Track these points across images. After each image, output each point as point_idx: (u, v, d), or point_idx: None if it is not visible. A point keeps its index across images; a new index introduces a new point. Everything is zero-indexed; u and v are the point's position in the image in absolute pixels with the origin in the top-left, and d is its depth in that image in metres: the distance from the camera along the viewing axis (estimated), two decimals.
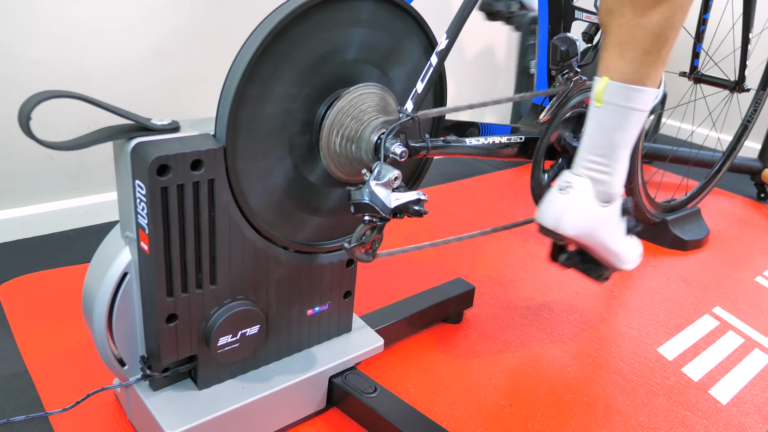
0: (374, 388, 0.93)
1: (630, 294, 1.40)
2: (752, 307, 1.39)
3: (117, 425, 0.90)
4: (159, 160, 0.68)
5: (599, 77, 0.87)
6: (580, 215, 0.91)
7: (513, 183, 1.97)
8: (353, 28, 0.78)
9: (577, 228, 0.91)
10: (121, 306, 0.78)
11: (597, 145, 0.89)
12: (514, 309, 1.29)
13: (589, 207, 0.91)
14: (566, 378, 1.10)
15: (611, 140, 0.88)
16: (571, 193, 0.90)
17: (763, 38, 2.29)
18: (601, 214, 0.92)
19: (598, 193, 0.91)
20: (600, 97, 0.86)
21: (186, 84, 1.51)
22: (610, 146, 0.89)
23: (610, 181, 0.91)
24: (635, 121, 0.87)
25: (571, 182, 0.91)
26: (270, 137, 0.76)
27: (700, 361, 1.18)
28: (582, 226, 0.91)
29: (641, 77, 0.84)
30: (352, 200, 0.75)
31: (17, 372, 0.98)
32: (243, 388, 0.86)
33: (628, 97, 0.85)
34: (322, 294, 0.93)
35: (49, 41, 1.29)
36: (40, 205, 1.41)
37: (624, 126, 0.87)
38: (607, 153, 0.89)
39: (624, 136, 0.88)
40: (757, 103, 1.84)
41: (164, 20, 1.42)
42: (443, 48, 0.80)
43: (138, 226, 0.73)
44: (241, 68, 0.71)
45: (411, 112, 0.79)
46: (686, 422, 1.02)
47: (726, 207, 1.97)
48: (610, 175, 0.90)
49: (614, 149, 0.89)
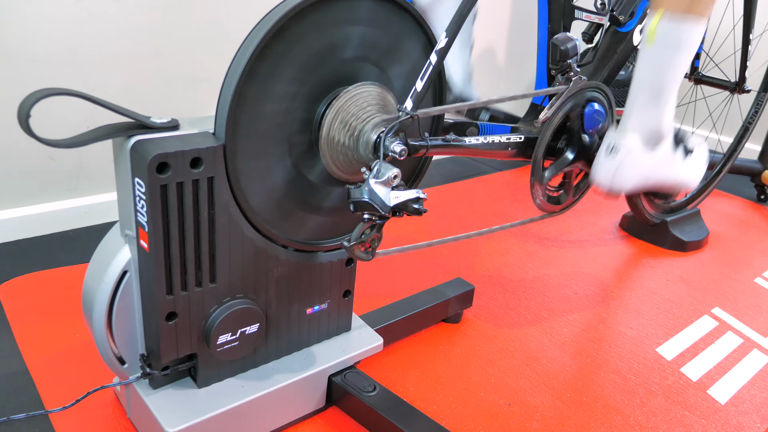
0: (373, 387, 0.94)
1: (629, 294, 1.40)
2: (751, 307, 1.39)
3: (117, 423, 0.90)
4: (158, 157, 0.68)
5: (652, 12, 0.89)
6: (631, 173, 0.94)
7: (513, 184, 1.97)
8: (352, 26, 0.79)
9: (632, 183, 0.95)
10: (121, 304, 0.78)
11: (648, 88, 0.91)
12: (514, 309, 1.29)
13: (638, 162, 0.94)
14: (565, 377, 1.10)
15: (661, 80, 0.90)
16: (619, 155, 0.93)
17: (764, 39, 2.29)
18: (653, 161, 0.95)
19: (648, 138, 0.94)
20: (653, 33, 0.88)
21: (186, 83, 1.51)
22: (660, 86, 0.91)
23: (658, 122, 0.93)
24: (686, 59, 0.90)
25: (617, 143, 0.93)
26: (269, 136, 0.77)
27: (699, 362, 1.18)
28: (636, 179, 0.95)
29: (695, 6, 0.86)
30: (352, 198, 0.75)
31: (18, 371, 0.99)
32: (242, 386, 0.86)
33: (682, 32, 0.87)
34: (321, 293, 0.93)
35: (48, 41, 1.29)
36: (40, 205, 1.41)
37: (675, 63, 0.90)
38: (657, 94, 0.91)
39: (674, 74, 0.90)
40: (758, 105, 1.84)
41: (164, 19, 1.42)
42: (443, 46, 0.80)
43: (137, 224, 0.73)
44: (240, 66, 0.71)
45: (410, 110, 0.79)
46: (685, 422, 1.02)
47: (726, 208, 1.97)
48: (659, 118, 0.93)
49: (664, 89, 0.91)
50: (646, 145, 0.94)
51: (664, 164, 0.97)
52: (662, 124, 0.94)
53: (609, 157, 0.94)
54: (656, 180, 0.97)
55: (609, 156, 0.94)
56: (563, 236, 1.64)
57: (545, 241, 1.61)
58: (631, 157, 0.93)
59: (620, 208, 1.85)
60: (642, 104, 0.92)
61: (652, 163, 0.95)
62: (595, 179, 0.97)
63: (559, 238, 1.63)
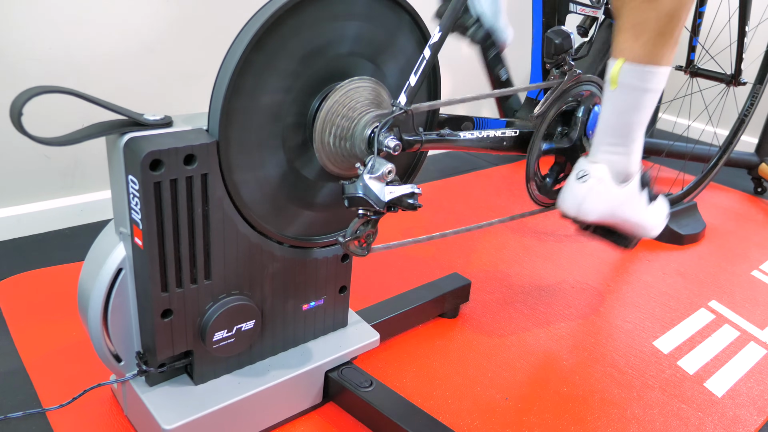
0: (370, 383, 0.94)
1: (626, 288, 1.40)
2: (748, 300, 1.40)
3: (114, 421, 0.90)
4: (152, 154, 0.68)
5: (614, 59, 0.90)
6: (599, 200, 0.95)
7: (509, 178, 1.97)
8: (346, 21, 0.78)
9: (598, 212, 0.96)
10: (116, 302, 0.78)
11: (613, 128, 0.93)
12: (510, 303, 1.29)
13: (607, 191, 0.95)
14: (562, 371, 1.10)
15: (627, 121, 0.92)
16: (589, 181, 0.94)
17: (759, 31, 2.29)
18: (621, 195, 0.96)
19: (616, 174, 0.95)
20: (615, 78, 0.90)
21: (179, 80, 1.50)
22: (625, 127, 0.92)
23: (626, 161, 0.94)
24: (650, 101, 0.91)
25: (587, 170, 0.95)
26: (263, 132, 0.76)
27: (696, 355, 1.19)
28: (603, 209, 0.95)
29: (655, 57, 0.87)
30: (346, 194, 0.75)
31: (14, 369, 0.98)
32: (239, 383, 0.86)
33: (643, 78, 0.88)
34: (317, 289, 0.93)
35: (41, 38, 1.29)
36: (35, 203, 1.41)
37: (639, 106, 0.91)
38: (623, 134, 0.93)
39: (639, 116, 0.92)
40: (753, 97, 1.84)
41: (157, 16, 1.42)
42: (436, 41, 0.80)
43: (132, 221, 0.73)
44: (233, 62, 0.71)
45: (404, 105, 0.79)
46: (681, 415, 1.03)
47: (722, 201, 1.97)
48: (626, 155, 0.94)
49: (630, 130, 0.93)
50: (615, 178, 0.96)
51: (630, 202, 0.99)
52: (630, 163, 0.96)
53: (578, 182, 0.95)
54: (620, 216, 0.99)
55: (578, 182, 0.95)
56: (560, 230, 1.65)
57: (542, 235, 1.61)
58: (600, 186, 0.95)
59: None
60: (609, 142, 0.94)
61: (619, 197, 0.97)
62: (563, 204, 0.99)
63: (555, 233, 1.63)
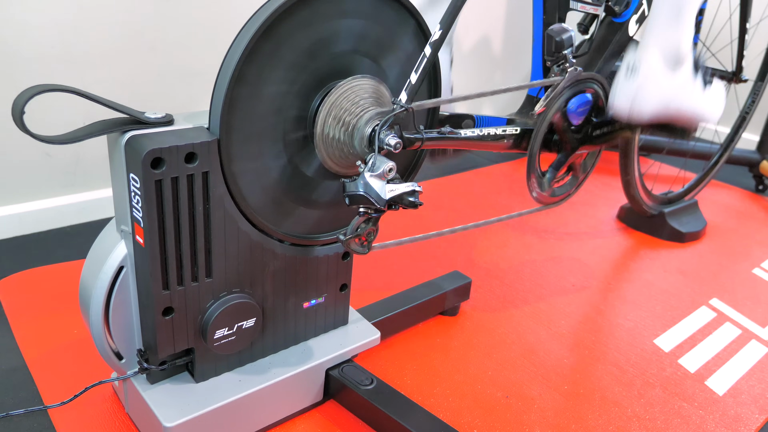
0: (371, 380, 0.94)
1: (627, 286, 1.40)
2: (749, 298, 1.40)
3: (115, 418, 0.90)
4: (153, 152, 0.68)
5: None
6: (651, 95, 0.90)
7: (510, 176, 1.97)
8: (346, 18, 0.78)
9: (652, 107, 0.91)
10: (118, 300, 0.79)
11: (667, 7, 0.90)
12: (511, 301, 1.29)
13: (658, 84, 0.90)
14: (563, 370, 1.10)
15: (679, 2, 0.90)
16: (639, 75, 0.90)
17: (760, 28, 2.28)
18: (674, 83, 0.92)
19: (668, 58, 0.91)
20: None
21: (180, 79, 1.50)
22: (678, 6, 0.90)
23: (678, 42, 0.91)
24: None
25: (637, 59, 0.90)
26: (263, 130, 0.77)
27: (697, 353, 1.19)
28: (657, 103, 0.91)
29: None
30: (347, 192, 0.75)
31: (16, 366, 0.99)
32: (240, 380, 0.86)
33: None
34: (318, 287, 0.93)
35: (43, 37, 1.29)
36: (37, 201, 1.41)
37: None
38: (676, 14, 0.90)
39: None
40: (755, 94, 1.84)
41: (158, 15, 1.42)
42: (436, 39, 0.80)
43: (133, 219, 0.73)
44: (234, 61, 0.71)
45: (405, 103, 0.79)
46: (682, 413, 1.03)
47: (724, 199, 1.97)
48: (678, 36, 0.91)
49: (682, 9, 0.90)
50: (667, 64, 0.91)
51: (685, 89, 0.93)
52: (681, 43, 0.91)
53: (629, 78, 0.90)
54: (675, 107, 0.93)
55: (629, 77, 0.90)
56: (561, 228, 1.65)
57: (543, 233, 1.61)
58: (651, 78, 0.90)
59: (618, 200, 1.85)
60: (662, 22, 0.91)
61: (673, 86, 0.91)
62: (614, 105, 0.93)
63: (556, 230, 1.63)
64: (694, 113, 0.97)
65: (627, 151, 1.49)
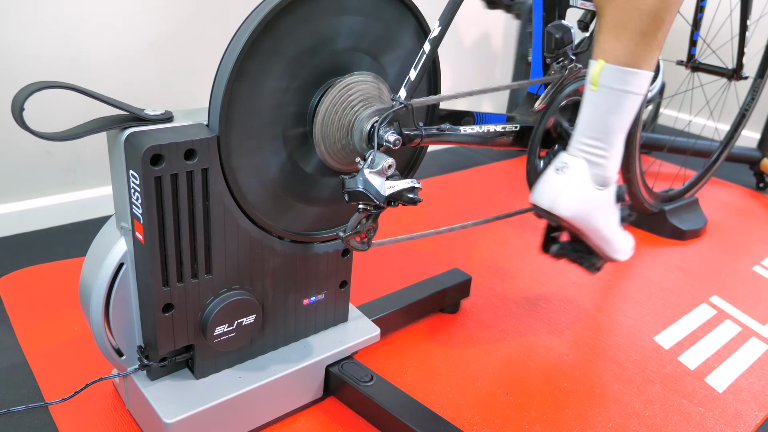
0: (371, 377, 0.94)
1: (627, 283, 1.40)
2: (750, 296, 1.40)
3: (115, 414, 0.90)
4: (152, 149, 0.68)
5: (594, 60, 0.87)
6: (575, 196, 0.91)
7: (510, 174, 1.97)
8: (347, 15, 0.78)
9: (573, 209, 0.91)
10: (118, 296, 0.79)
11: (593, 128, 0.89)
12: (511, 299, 1.29)
13: (584, 188, 0.91)
14: (563, 367, 1.10)
15: (607, 123, 0.88)
16: (568, 174, 0.90)
17: (761, 25, 2.28)
18: (597, 197, 0.92)
19: (593, 175, 0.91)
20: (595, 80, 0.87)
21: (180, 75, 1.50)
22: (605, 129, 0.89)
23: (605, 164, 0.91)
24: (631, 105, 0.87)
25: (567, 163, 0.91)
26: (263, 127, 0.77)
27: (697, 350, 1.19)
28: (577, 207, 0.91)
29: (636, 60, 0.84)
30: (346, 188, 0.75)
31: (17, 363, 0.99)
32: (240, 377, 0.86)
33: (624, 80, 0.85)
34: (318, 284, 0.93)
35: (43, 34, 1.29)
36: (38, 199, 1.41)
37: (619, 109, 0.87)
38: (603, 136, 0.89)
39: (619, 119, 0.88)
40: (755, 91, 1.84)
41: (158, 12, 1.42)
42: (436, 35, 0.80)
43: (133, 216, 0.74)
44: (234, 56, 0.71)
45: (404, 99, 0.79)
46: (682, 410, 1.03)
47: (724, 197, 1.97)
48: (605, 158, 0.90)
49: (610, 132, 0.89)
50: (592, 179, 0.92)
51: (605, 210, 0.95)
52: (608, 167, 0.92)
53: (557, 174, 0.92)
54: (593, 223, 0.94)
55: (557, 173, 0.92)
56: None
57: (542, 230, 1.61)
58: (579, 181, 0.91)
59: None
60: (589, 142, 0.90)
61: (596, 199, 0.93)
62: (538, 196, 0.94)
63: None
64: (606, 240, 0.98)
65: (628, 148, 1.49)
